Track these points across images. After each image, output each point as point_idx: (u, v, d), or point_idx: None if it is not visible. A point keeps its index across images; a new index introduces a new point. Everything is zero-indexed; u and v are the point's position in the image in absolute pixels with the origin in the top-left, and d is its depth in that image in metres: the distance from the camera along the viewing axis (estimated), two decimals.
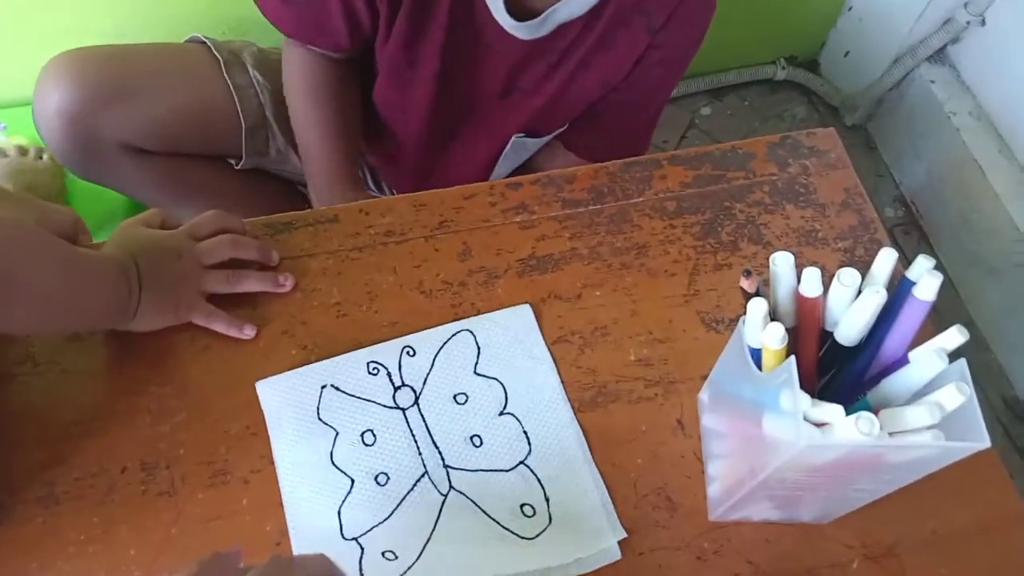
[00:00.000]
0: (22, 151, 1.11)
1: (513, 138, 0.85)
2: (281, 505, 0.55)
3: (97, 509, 0.54)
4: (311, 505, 0.55)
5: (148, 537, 0.54)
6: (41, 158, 1.11)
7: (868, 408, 0.43)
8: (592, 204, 0.69)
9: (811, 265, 0.66)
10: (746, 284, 0.43)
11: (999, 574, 0.55)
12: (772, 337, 0.40)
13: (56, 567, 0.52)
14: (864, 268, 0.45)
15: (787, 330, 0.43)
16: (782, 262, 0.44)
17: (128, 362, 0.60)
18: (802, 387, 0.40)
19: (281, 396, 0.58)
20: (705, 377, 0.60)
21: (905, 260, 0.48)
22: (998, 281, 1.33)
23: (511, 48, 0.75)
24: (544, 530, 0.54)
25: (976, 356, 1.38)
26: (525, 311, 0.63)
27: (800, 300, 0.44)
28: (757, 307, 0.42)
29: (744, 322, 0.45)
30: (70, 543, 0.53)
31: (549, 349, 0.61)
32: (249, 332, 0.60)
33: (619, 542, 0.54)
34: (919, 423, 0.38)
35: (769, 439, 0.43)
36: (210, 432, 0.57)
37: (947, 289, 1.43)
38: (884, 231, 0.69)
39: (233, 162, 0.94)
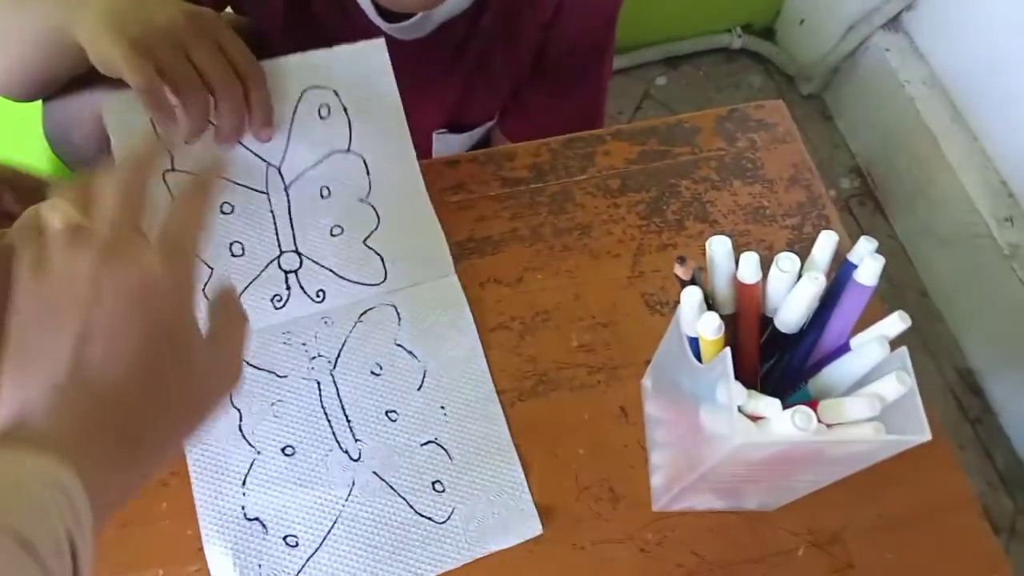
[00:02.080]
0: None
1: (434, 134, 0.82)
2: None
3: None
4: (216, 478, 0.52)
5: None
6: None
7: (808, 397, 0.41)
8: (533, 182, 0.66)
9: (759, 243, 0.65)
10: (680, 271, 0.41)
11: (946, 558, 0.54)
12: (707, 327, 0.38)
13: None
14: (812, 244, 0.43)
15: (726, 317, 0.41)
16: (719, 247, 0.42)
17: None
18: (743, 376, 0.38)
19: None
20: (649, 362, 0.57)
21: (859, 231, 0.46)
22: (951, 251, 1.33)
23: (398, 48, 0.71)
24: (454, 511, 0.53)
25: (929, 327, 1.39)
26: (452, 280, 0.60)
27: (738, 287, 0.42)
28: (691, 296, 0.39)
29: (679, 311, 0.43)
30: None
31: (481, 322, 0.59)
32: None
33: (561, 537, 0.52)
34: (859, 415, 0.37)
35: (707, 432, 0.41)
36: None
37: (902, 259, 1.44)
38: (832, 207, 0.67)
39: None
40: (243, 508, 0.52)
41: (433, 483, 0.54)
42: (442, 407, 0.56)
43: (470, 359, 0.57)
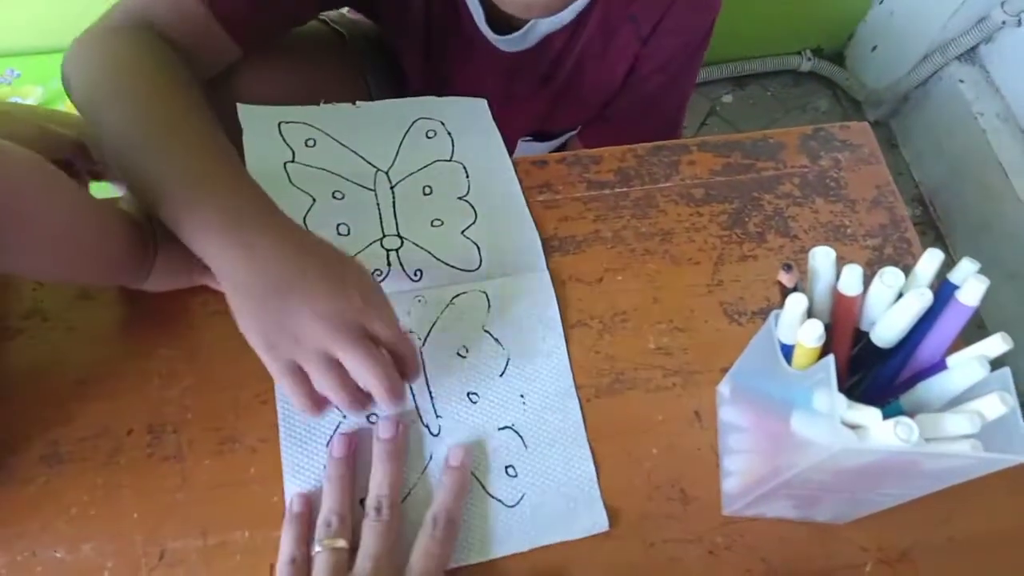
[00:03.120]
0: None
1: (520, 142, 0.83)
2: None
3: (101, 471, 0.53)
4: (303, 438, 0.55)
5: (152, 502, 0.53)
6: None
7: (901, 412, 0.42)
8: (618, 187, 0.67)
9: (838, 262, 0.66)
10: (785, 279, 0.42)
11: None
12: (809, 335, 0.39)
13: (56, 528, 0.52)
14: (892, 266, 0.44)
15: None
16: (822, 258, 0.42)
17: (138, 323, 0.59)
18: None
19: None
20: (725, 369, 0.58)
21: None
22: (1016, 286, 1.32)
23: (500, 59, 0.73)
24: (524, 497, 0.54)
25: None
26: (544, 276, 0.62)
27: (838, 298, 0.43)
28: (796, 303, 0.40)
29: (777, 316, 0.44)
30: (72, 504, 0.52)
31: (562, 318, 0.60)
32: None
33: (629, 532, 0.53)
34: (957, 431, 0.37)
35: (798, 438, 0.42)
36: (219, 398, 0.56)
37: None
38: (914, 231, 0.68)
39: None
40: (325, 468, 0.54)
41: (506, 467, 0.55)
42: (521, 395, 0.57)
43: (553, 353, 0.59)
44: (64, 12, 1.13)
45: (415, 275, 0.61)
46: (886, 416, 0.38)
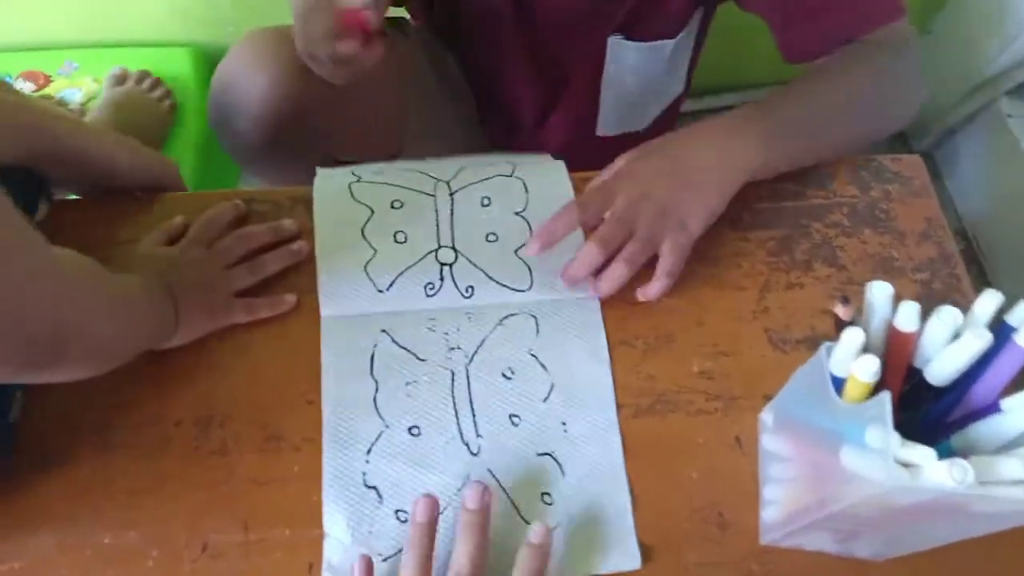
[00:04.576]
0: (140, 79, 1.09)
1: (609, 40, 0.82)
2: None
3: (150, 460, 0.55)
4: (345, 442, 0.55)
5: (197, 494, 0.54)
6: (153, 92, 1.10)
7: (952, 452, 0.42)
8: None
9: None
10: (842, 311, 0.42)
11: None
12: (865, 370, 0.39)
13: (105, 513, 0.53)
14: (940, 302, 0.43)
15: None
16: (879, 292, 0.42)
17: None
18: None
19: (341, 336, 0.59)
20: (768, 396, 0.58)
21: None
22: None
23: None
24: (558, 525, 0.54)
25: None
26: (593, 304, 0.62)
27: (893, 333, 0.43)
28: (853, 338, 0.40)
29: (830, 348, 0.44)
30: (121, 491, 0.54)
31: (609, 349, 0.61)
32: (291, 299, 0.60)
33: (667, 553, 0.53)
34: (1012, 475, 0.37)
35: (847, 473, 0.42)
36: (266, 395, 0.57)
37: None
38: (963, 267, 0.67)
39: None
40: (364, 474, 0.54)
41: (543, 494, 0.55)
42: (563, 423, 0.57)
43: (598, 384, 0.59)
44: (122, 4, 1.16)
45: (467, 291, 0.62)
46: (936, 454, 0.38)
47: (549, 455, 0.56)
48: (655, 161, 0.61)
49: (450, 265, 0.63)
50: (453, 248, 0.63)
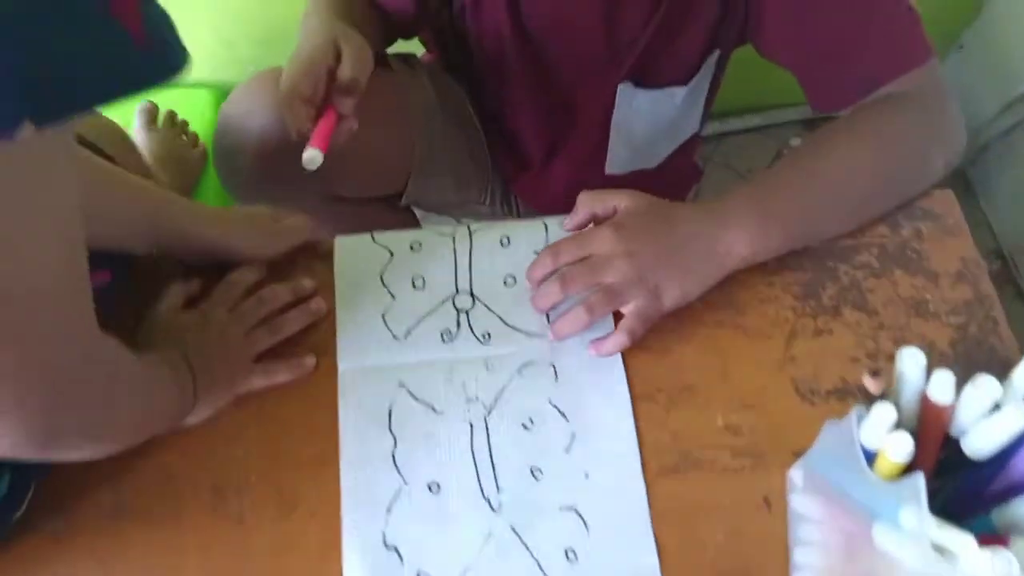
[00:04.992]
0: (171, 120, 1.08)
1: (619, 87, 0.82)
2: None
3: (164, 527, 0.54)
4: (364, 500, 0.55)
5: (214, 564, 0.53)
6: (185, 136, 1.10)
7: (991, 528, 0.40)
8: None
9: (919, 339, 0.63)
10: (872, 385, 0.40)
11: None
12: (898, 451, 0.37)
13: None
14: (976, 347, 0.41)
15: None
16: (911, 362, 0.40)
17: None
18: None
19: (358, 391, 0.59)
20: (798, 453, 0.56)
21: None
22: None
23: None
24: None
25: None
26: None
27: (927, 404, 0.41)
28: (885, 415, 0.38)
29: (861, 415, 0.42)
30: (135, 558, 0.53)
31: (631, 400, 0.59)
32: (310, 362, 0.60)
33: None
34: None
35: (880, 551, 0.40)
36: (282, 459, 0.57)
37: None
38: (1000, 309, 0.64)
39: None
40: (384, 535, 0.54)
41: (567, 550, 0.54)
42: (586, 474, 0.56)
43: (620, 433, 0.57)
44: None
45: (484, 338, 0.61)
46: (975, 530, 0.36)
47: (572, 509, 0.55)
48: (648, 223, 0.60)
49: (467, 311, 0.62)
50: (471, 293, 0.63)
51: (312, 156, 0.61)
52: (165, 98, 1.18)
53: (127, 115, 1.10)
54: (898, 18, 0.68)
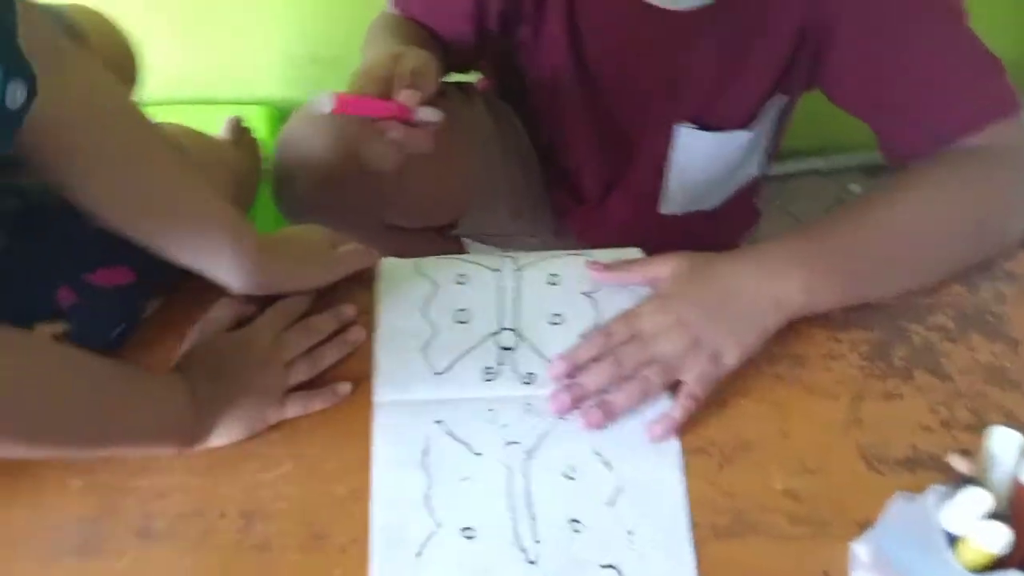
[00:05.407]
0: (235, 128, 1.05)
1: (680, 129, 0.79)
2: None
3: (191, 552, 0.52)
4: (395, 542, 0.52)
5: None
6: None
7: None
8: None
9: (997, 410, 0.59)
10: (963, 466, 0.36)
11: None
12: (995, 541, 0.33)
13: None
14: None
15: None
16: (1003, 442, 0.37)
17: None
18: None
19: (393, 425, 0.57)
20: (862, 524, 0.52)
21: None
22: None
23: (658, 22, 0.70)
24: None
25: None
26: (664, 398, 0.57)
27: (1020, 490, 0.37)
28: (979, 501, 0.35)
29: (942, 495, 0.38)
30: None
31: (682, 455, 0.56)
32: (344, 389, 0.58)
33: None
34: None
35: None
36: (314, 490, 0.54)
37: None
38: None
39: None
40: None
41: None
42: (630, 531, 0.53)
43: (669, 488, 0.54)
44: (203, 62, 1.18)
45: (527, 378, 0.58)
46: None
47: (613, 568, 0.52)
48: (693, 286, 0.58)
49: (510, 349, 0.60)
50: (515, 331, 0.60)
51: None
52: (223, 114, 1.18)
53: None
54: (979, 65, 0.64)
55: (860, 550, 0.51)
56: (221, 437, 0.55)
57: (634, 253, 0.64)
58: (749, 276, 0.57)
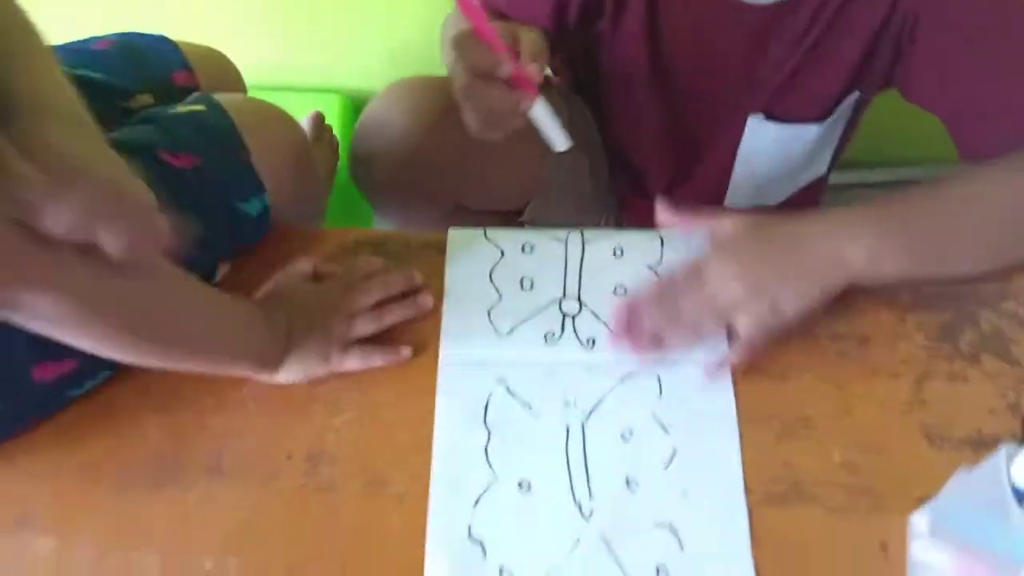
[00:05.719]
0: (317, 124, 1.06)
1: (750, 119, 0.79)
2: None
3: (257, 490, 0.54)
4: (453, 490, 0.53)
5: (299, 530, 0.53)
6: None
7: None
8: None
9: None
10: None
11: None
12: None
13: (208, 539, 0.53)
14: None
15: None
16: None
17: None
18: None
19: (456, 382, 0.58)
20: (921, 499, 0.51)
21: None
22: None
23: (743, 18, 0.70)
24: None
25: None
26: (724, 369, 0.58)
27: None
28: None
29: (1011, 454, 0.38)
30: (226, 517, 0.53)
31: (739, 422, 0.56)
32: (406, 353, 0.59)
33: None
34: None
35: None
36: (378, 438, 0.56)
37: None
38: None
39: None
40: (470, 527, 0.52)
41: (658, 567, 0.51)
42: (684, 492, 0.53)
43: (725, 454, 0.54)
44: (279, 50, 1.22)
45: (588, 343, 0.59)
46: None
47: (667, 526, 0.52)
48: (759, 243, 0.58)
49: (573, 316, 0.61)
50: (578, 299, 0.61)
51: (531, 105, 0.59)
52: (294, 101, 1.22)
53: None
54: None
55: (920, 521, 0.50)
56: (288, 373, 0.57)
57: (701, 239, 0.65)
58: (814, 234, 0.57)
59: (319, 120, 1.06)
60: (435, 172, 0.76)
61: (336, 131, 1.18)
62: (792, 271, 0.56)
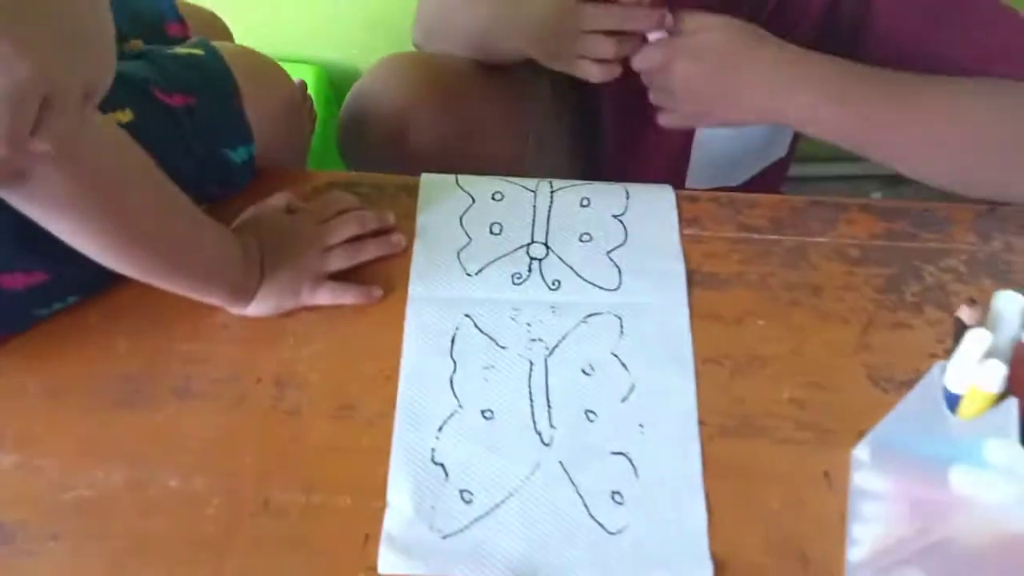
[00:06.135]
0: (301, 91, 1.07)
1: None
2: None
3: (225, 412, 0.55)
4: (417, 416, 0.55)
5: (266, 451, 0.54)
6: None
7: None
8: (770, 233, 0.65)
9: None
10: (967, 314, 0.39)
11: None
12: (991, 378, 0.36)
13: (175, 458, 0.53)
14: None
15: None
16: (1008, 303, 0.39)
17: None
18: None
19: (424, 316, 0.60)
20: (864, 434, 0.54)
21: None
22: None
23: None
24: (627, 527, 0.51)
25: None
26: (681, 307, 0.61)
27: (1021, 351, 0.39)
28: (979, 339, 0.37)
29: (944, 366, 0.41)
30: (194, 439, 0.54)
31: (694, 358, 0.58)
32: (377, 293, 0.60)
33: None
34: None
35: (955, 497, 0.38)
36: (347, 367, 0.57)
37: None
38: None
39: None
40: (433, 451, 0.54)
41: (613, 493, 0.53)
42: (641, 425, 0.55)
43: (681, 394, 0.57)
44: (255, 20, 1.23)
45: (553, 284, 0.61)
46: None
47: (623, 454, 0.54)
48: (733, 37, 0.63)
49: (540, 260, 0.63)
50: (545, 244, 0.63)
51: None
52: None
53: None
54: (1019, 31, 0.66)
55: (862, 452, 0.53)
56: (260, 305, 0.58)
57: (667, 191, 0.67)
58: (772, 71, 0.62)
59: (303, 88, 1.07)
60: (425, 147, 0.77)
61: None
62: (733, 97, 0.63)
